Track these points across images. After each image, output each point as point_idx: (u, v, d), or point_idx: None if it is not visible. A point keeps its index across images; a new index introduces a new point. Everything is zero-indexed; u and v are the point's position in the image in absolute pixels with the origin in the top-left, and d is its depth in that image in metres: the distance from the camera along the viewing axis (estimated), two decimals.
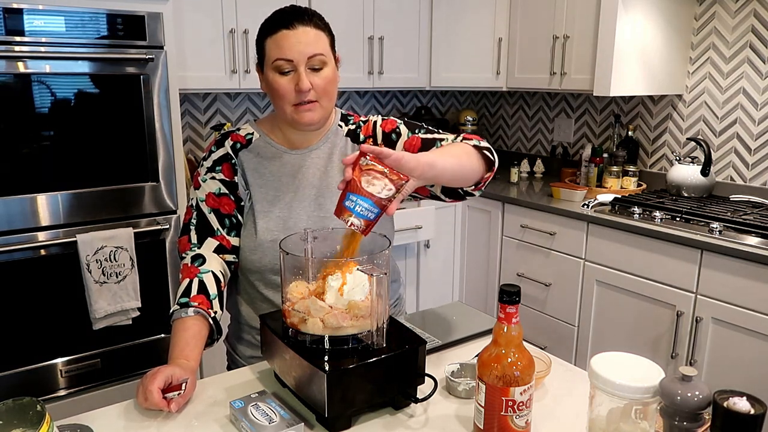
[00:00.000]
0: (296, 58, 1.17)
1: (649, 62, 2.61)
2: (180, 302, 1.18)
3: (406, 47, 3.13)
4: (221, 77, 2.61)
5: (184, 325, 1.16)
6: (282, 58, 1.17)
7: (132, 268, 2.21)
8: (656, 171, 2.93)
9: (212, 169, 1.29)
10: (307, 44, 1.18)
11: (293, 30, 1.17)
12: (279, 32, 1.18)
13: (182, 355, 1.12)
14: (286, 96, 1.20)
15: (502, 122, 3.74)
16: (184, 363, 1.10)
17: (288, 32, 1.17)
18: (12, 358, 2.11)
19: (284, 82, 1.19)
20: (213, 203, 1.28)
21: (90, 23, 2.06)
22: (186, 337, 1.15)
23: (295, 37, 1.17)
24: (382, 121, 1.35)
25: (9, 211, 2.02)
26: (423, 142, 1.28)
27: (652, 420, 0.86)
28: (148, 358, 2.37)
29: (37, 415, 0.76)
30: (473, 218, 3.08)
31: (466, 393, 1.08)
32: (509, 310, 0.89)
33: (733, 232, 2.13)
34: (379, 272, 0.95)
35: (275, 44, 1.18)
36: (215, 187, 1.28)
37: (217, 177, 1.28)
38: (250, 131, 1.32)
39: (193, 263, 1.24)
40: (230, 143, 1.31)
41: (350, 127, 1.36)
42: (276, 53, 1.18)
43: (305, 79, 1.18)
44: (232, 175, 1.29)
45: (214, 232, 1.27)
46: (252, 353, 1.34)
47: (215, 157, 1.30)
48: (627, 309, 2.39)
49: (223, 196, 1.28)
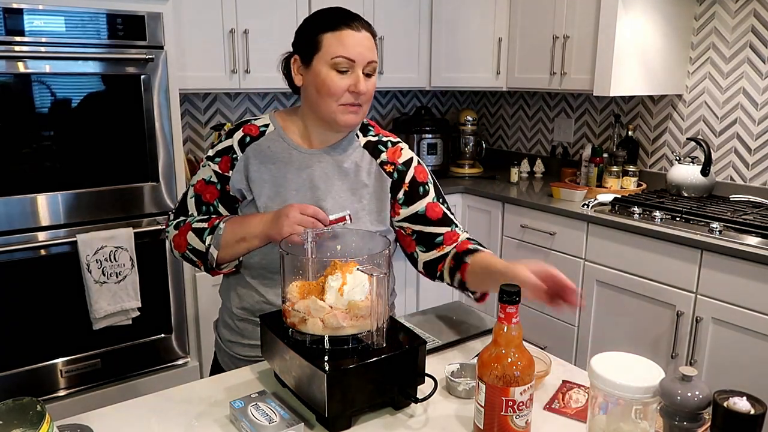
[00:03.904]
0: (358, 60, 1.18)
1: (649, 62, 2.61)
2: (207, 234, 1.25)
3: (406, 47, 3.13)
4: (221, 77, 2.61)
5: (232, 225, 1.24)
6: (344, 56, 1.18)
7: (132, 268, 2.22)
8: (656, 171, 2.93)
9: (213, 158, 1.31)
10: (369, 49, 1.20)
11: (358, 32, 1.19)
12: (343, 30, 1.18)
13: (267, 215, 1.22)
14: (337, 94, 1.20)
15: (502, 122, 3.74)
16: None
17: (353, 33, 1.19)
18: (12, 358, 2.11)
19: (339, 80, 1.19)
20: (199, 189, 1.31)
21: (90, 23, 2.06)
22: (247, 217, 1.25)
23: (360, 39, 1.19)
24: (418, 164, 1.33)
25: (9, 211, 2.02)
26: (443, 217, 1.30)
27: (652, 420, 0.86)
28: (148, 358, 2.37)
29: (37, 415, 0.76)
30: (473, 218, 3.08)
31: (466, 393, 1.08)
32: (509, 310, 0.89)
33: (733, 232, 2.13)
34: (379, 272, 0.95)
35: (338, 41, 1.18)
36: (208, 174, 1.30)
37: (212, 166, 1.30)
38: (266, 122, 1.32)
39: (177, 228, 1.30)
40: (239, 136, 1.30)
41: (370, 138, 1.34)
42: (338, 50, 1.18)
43: (363, 81, 1.19)
44: (227, 169, 1.29)
45: (188, 216, 1.32)
46: (230, 337, 1.35)
47: (220, 147, 1.31)
48: (627, 309, 2.38)
49: (210, 185, 1.30)
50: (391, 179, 1.30)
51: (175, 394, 1.10)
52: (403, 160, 1.32)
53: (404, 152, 1.33)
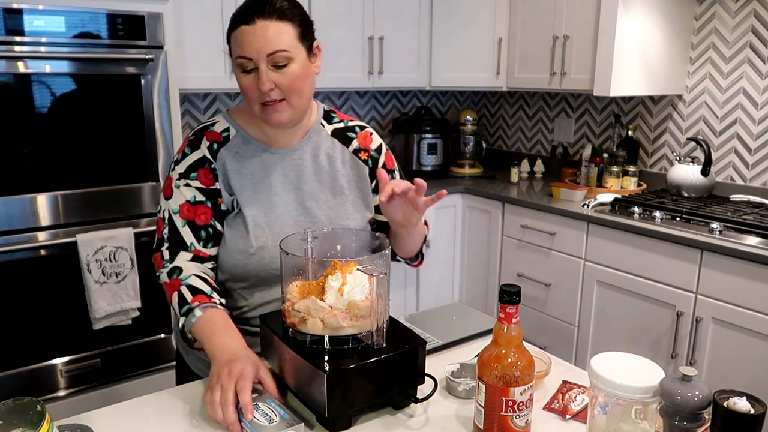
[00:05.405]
0: (255, 56, 1.10)
1: (649, 62, 2.61)
2: (183, 312, 1.11)
3: (406, 47, 3.13)
4: (221, 77, 2.61)
5: (205, 322, 1.08)
6: (242, 55, 1.11)
7: (132, 268, 2.21)
8: (656, 171, 2.93)
9: (186, 175, 1.19)
10: (266, 41, 1.09)
11: (252, 26, 1.09)
12: (239, 28, 1.11)
13: (232, 345, 1.04)
14: (250, 95, 1.14)
15: (502, 122, 3.74)
16: (245, 353, 1.03)
17: (247, 28, 1.09)
18: (12, 358, 2.11)
19: (247, 80, 1.13)
20: (187, 214, 1.18)
21: (90, 23, 2.06)
22: (219, 327, 1.06)
23: (253, 34, 1.09)
24: (386, 150, 1.34)
25: (9, 211, 2.02)
26: None
27: (652, 420, 0.86)
28: (148, 358, 2.37)
29: (37, 415, 0.76)
30: (473, 218, 3.08)
31: (466, 393, 1.08)
32: (509, 310, 0.89)
33: (733, 232, 2.13)
34: (379, 272, 0.95)
35: (235, 41, 1.12)
36: (190, 194, 1.18)
37: (193, 184, 1.18)
38: (225, 126, 1.23)
39: (170, 277, 1.16)
40: (206, 144, 1.20)
41: (336, 126, 1.31)
42: (236, 50, 1.12)
43: (264, 79, 1.10)
44: (211, 182, 1.19)
45: (188, 247, 1.18)
46: None
47: (190, 161, 1.19)
48: (627, 309, 2.38)
49: (199, 205, 1.18)
50: (368, 167, 1.31)
51: (175, 394, 1.10)
52: (375, 147, 1.33)
53: (374, 137, 1.34)
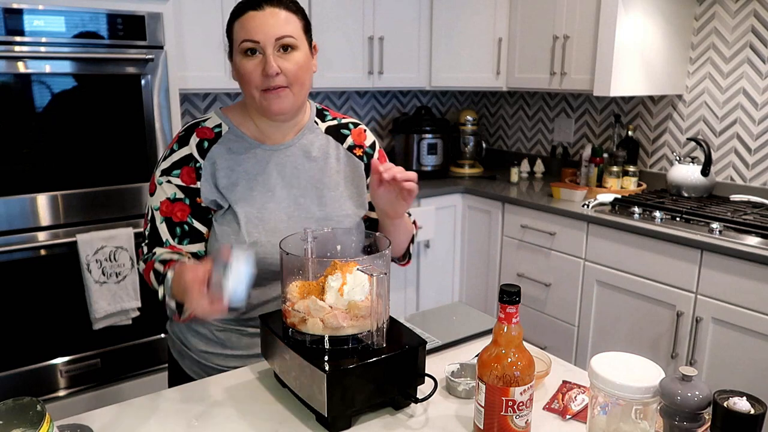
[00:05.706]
0: (263, 40, 1.11)
1: (649, 62, 2.61)
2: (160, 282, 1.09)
3: (406, 47, 3.13)
4: (221, 77, 2.61)
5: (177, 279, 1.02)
6: (248, 39, 1.11)
7: (132, 268, 2.22)
8: (656, 171, 2.93)
9: (168, 171, 1.19)
10: (276, 25, 1.11)
11: (261, 11, 1.12)
12: (246, 13, 1.12)
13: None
14: (252, 81, 1.13)
15: (502, 122, 3.74)
16: None
17: (255, 13, 1.12)
18: (12, 358, 2.11)
19: (251, 65, 1.13)
20: (166, 211, 1.18)
21: (90, 23, 2.06)
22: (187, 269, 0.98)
23: (262, 18, 1.11)
24: (379, 147, 1.35)
25: (9, 211, 2.02)
26: None
27: (652, 420, 0.86)
28: (148, 358, 2.37)
29: (37, 415, 0.76)
30: (473, 218, 3.08)
31: (466, 393, 1.08)
32: (509, 310, 0.89)
33: (733, 232, 2.13)
34: (379, 272, 0.95)
35: (241, 26, 1.13)
36: (171, 192, 1.19)
37: (174, 181, 1.19)
38: (217, 122, 1.23)
39: (146, 262, 1.17)
40: (195, 141, 1.20)
41: (330, 123, 1.31)
42: (242, 35, 1.12)
43: (272, 61, 1.11)
44: (192, 181, 1.19)
45: (163, 244, 1.19)
46: (206, 348, 1.28)
47: (176, 158, 1.19)
48: (627, 309, 2.38)
49: (177, 202, 1.19)
50: (363, 163, 1.31)
51: (175, 394, 1.10)
52: (369, 143, 1.33)
53: (368, 134, 1.35)
